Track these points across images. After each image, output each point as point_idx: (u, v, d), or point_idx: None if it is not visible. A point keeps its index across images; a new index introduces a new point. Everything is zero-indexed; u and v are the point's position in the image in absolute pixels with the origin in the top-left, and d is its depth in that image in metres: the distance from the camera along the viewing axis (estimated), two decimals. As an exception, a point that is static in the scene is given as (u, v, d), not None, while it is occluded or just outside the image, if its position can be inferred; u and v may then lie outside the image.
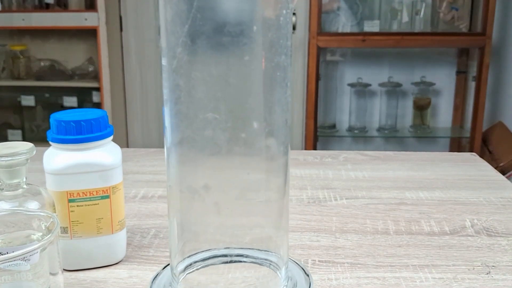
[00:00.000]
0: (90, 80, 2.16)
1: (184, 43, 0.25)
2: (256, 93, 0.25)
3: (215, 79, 0.24)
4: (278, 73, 0.26)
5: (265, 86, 0.25)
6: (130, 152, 0.80)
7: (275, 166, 0.27)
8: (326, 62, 2.14)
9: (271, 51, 0.25)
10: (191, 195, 0.27)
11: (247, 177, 0.26)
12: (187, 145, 0.26)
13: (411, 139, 2.18)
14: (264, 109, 0.26)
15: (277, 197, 0.28)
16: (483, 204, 0.60)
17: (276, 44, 0.25)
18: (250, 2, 0.24)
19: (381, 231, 0.53)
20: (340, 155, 0.80)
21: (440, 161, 0.77)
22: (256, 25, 0.24)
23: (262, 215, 0.28)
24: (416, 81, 2.09)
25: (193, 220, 0.27)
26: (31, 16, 2.06)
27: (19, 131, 2.27)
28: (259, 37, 0.25)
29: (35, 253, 0.33)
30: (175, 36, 0.25)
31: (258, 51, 0.25)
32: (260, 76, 0.25)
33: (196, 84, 0.25)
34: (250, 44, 0.25)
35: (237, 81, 0.25)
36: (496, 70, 2.05)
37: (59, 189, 0.43)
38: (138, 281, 0.43)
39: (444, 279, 0.43)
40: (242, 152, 0.26)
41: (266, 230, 0.28)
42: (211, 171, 0.26)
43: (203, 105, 0.25)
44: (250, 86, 0.25)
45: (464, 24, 2.01)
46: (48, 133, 0.44)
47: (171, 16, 0.25)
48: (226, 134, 0.25)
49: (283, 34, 0.26)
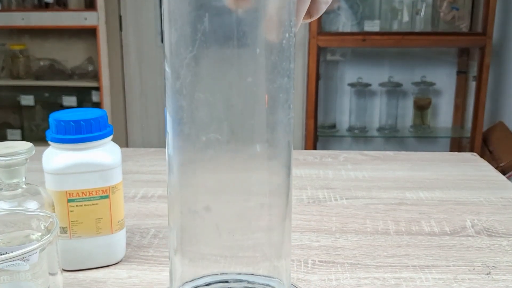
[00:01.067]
0: (89, 80, 2.16)
1: (188, 65, 0.25)
2: (258, 115, 0.25)
3: (218, 100, 0.25)
4: (280, 95, 0.26)
5: (268, 108, 0.26)
6: (129, 152, 0.80)
7: (277, 188, 0.27)
8: (326, 61, 2.14)
9: (274, 73, 0.26)
10: (192, 216, 0.27)
11: (248, 202, 0.26)
12: (190, 167, 0.26)
13: (412, 139, 2.18)
14: (266, 131, 0.26)
15: (278, 222, 0.28)
16: (483, 204, 0.60)
17: (278, 66, 0.26)
18: (254, 26, 0.24)
19: (381, 231, 0.53)
20: (340, 155, 0.80)
21: (440, 161, 0.77)
22: (259, 48, 0.25)
23: (263, 239, 0.27)
24: (416, 81, 2.09)
25: (194, 242, 0.27)
26: (31, 15, 2.06)
27: (18, 131, 2.26)
28: (262, 59, 0.25)
29: (34, 253, 0.33)
30: (180, 58, 0.25)
31: (261, 73, 0.25)
32: (263, 98, 0.25)
33: (199, 105, 0.25)
34: (253, 67, 0.25)
35: (240, 102, 0.25)
36: (497, 70, 2.05)
37: (58, 189, 0.43)
38: (137, 281, 0.43)
39: (444, 279, 0.43)
40: (244, 174, 0.26)
41: (267, 255, 0.27)
42: (212, 193, 0.26)
43: (205, 126, 0.25)
44: (252, 107, 0.25)
45: (465, 24, 2.01)
46: (47, 132, 0.44)
47: (175, 39, 0.25)
48: (228, 155, 0.25)
49: (286, 57, 0.26)
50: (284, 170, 0.28)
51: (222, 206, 0.26)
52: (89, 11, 2.05)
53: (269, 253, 0.28)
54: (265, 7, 0.25)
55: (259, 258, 0.28)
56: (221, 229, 0.26)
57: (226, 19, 0.24)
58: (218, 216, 0.26)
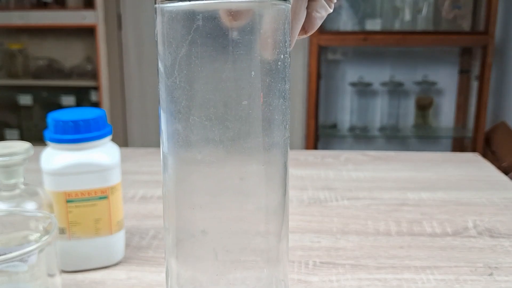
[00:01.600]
0: (88, 79, 2.16)
1: (182, 88, 0.25)
2: (254, 135, 0.25)
3: (213, 122, 0.25)
4: (276, 117, 0.26)
5: (263, 128, 0.26)
6: (128, 152, 0.80)
7: (273, 210, 0.27)
8: (327, 61, 2.14)
9: (269, 95, 0.25)
10: (188, 239, 0.27)
11: (243, 223, 0.26)
12: (184, 168, 0.26)
13: (413, 139, 2.18)
14: (263, 152, 0.26)
15: (274, 243, 0.27)
16: (485, 205, 0.60)
17: (274, 88, 0.26)
18: (248, 48, 0.24)
19: (382, 232, 0.52)
20: (341, 155, 0.79)
21: (442, 161, 0.76)
22: (254, 70, 0.25)
23: (260, 259, 0.27)
24: (418, 81, 2.08)
25: (190, 266, 0.27)
26: (29, 14, 2.05)
27: (17, 131, 2.26)
28: (257, 82, 0.25)
29: (33, 254, 0.33)
30: (172, 80, 0.25)
31: (256, 96, 0.25)
32: (258, 119, 0.25)
33: (194, 128, 0.25)
34: (248, 89, 0.25)
35: (234, 124, 0.25)
36: (499, 69, 2.04)
37: (57, 189, 0.42)
38: (136, 283, 0.42)
39: (446, 280, 0.43)
40: (239, 197, 0.26)
41: (264, 276, 0.27)
42: (208, 215, 0.26)
43: (199, 147, 0.25)
44: (248, 129, 0.25)
45: (467, 23, 2.00)
46: (45, 132, 0.44)
47: (170, 62, 0.25)
48: (223, 175, 0.25)
49: (281, 78, 0.26)
50: (280, 191, 0.27)
51: (218, 229, 0.26)
52: (87, 10, 2.04)
53: (266, 268, 0.27)
54: (260, 29, 0.25)
55: (258, 264, 0.27)
56: (217, 252, 0.26)
57: (220, 41, 0.24)
58: (214, 239, 0.26)
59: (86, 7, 2.08)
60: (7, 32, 2.20)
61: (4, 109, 2.28)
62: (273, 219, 0.27)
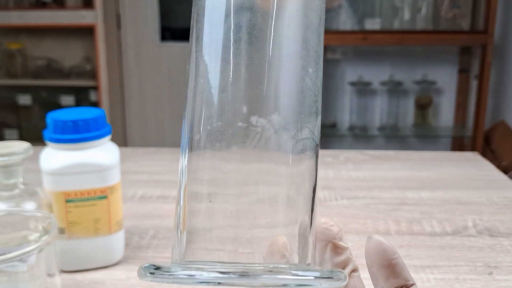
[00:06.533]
0: (87, 79, 2.16)
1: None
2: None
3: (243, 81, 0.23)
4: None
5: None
6: (128, 152, 0.80)
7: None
8: (327, 60, 2.14)
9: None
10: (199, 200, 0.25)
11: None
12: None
13: (413, 138, 2.18)
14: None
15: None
16: (485, 204, 0.60)
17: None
18: None
19: (382, 231, 0.52)
20: (341, 154, 0.79)
21: (441, 160, 0.76)
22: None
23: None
24: (417, 80, 2.08)
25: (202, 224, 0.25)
26: (28, 14, 2.05)
27: (16, 131, 2.26)
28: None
29: (32, 254, 0.33)
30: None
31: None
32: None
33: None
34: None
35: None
36: (499, 68, 2.04)
37: (56, 189, 0.42)
38: (136, 283, 0.42)
39: (446, 279, 0.43)
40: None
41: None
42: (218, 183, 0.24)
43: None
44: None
45: (466, 22, 2.00)
46: (45, 132, 0.44)
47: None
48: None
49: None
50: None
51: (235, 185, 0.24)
52: (86, 9, 2.04)
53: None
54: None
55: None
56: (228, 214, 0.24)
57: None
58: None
59: (85, 6, 2.08)
60: (6, 32, 2.20)
61: (3, 109, 2.28)
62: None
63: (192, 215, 0.24)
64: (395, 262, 0.24)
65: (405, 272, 0.24)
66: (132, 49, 2.20)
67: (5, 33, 2.20)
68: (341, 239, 0.26)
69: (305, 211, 0.24)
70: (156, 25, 2.18)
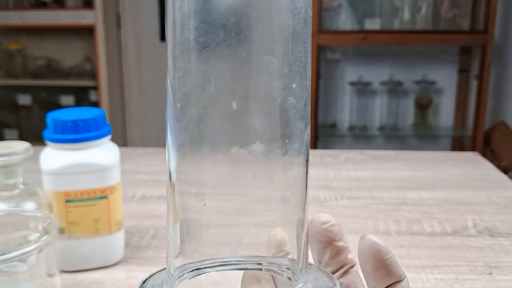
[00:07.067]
0: (87, 79, 2.16)
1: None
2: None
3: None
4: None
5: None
6: (128, 152, 0.80)
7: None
8: (327, 60, 2.14)
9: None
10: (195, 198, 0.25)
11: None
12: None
13: (413, 138, 2.18)
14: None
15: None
16: (485, 204, 0.60)
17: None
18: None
19: (382, 231, 0.52)
20: (341, 154, 0.79)
21: (441, 160, 0.76)
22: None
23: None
24: (417, 80, 2.08)
25: (197, 224, 0.25)
26: (28, 14, 2.05)
27: (16, 131, 2.26)
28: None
29: (32, 254, 0.33)
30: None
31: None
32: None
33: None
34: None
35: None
36: (498, 68, 2.04)
37: (56, 189, 0.42)
38: (136, 283, 0.42)
39: (446, 279, 0.43)
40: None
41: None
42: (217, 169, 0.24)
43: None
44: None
45: (466, 22, 2.00)
46: (45, 132, 0.44)
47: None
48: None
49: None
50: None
51: (228, 183, 0.24)
52: (86, 9, 2.04)
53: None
54: None
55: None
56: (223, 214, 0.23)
57: None
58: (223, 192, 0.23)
59: (85, 6, 2.08)
60: (6, 32, 2.20)
61: (3, 109, 2.28)
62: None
63: (185, 213, 0.24)
64: (389, 262, 0.24)
65: (398, 269, 0.24)
66: (132, 49, 2.20)
67: (5, 33, 2.20)
68: (341, 239, 0.26)
69: (299, 211, 0.24)
70: (156, 25, 2.18)
